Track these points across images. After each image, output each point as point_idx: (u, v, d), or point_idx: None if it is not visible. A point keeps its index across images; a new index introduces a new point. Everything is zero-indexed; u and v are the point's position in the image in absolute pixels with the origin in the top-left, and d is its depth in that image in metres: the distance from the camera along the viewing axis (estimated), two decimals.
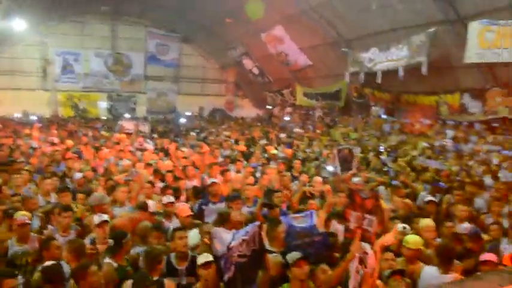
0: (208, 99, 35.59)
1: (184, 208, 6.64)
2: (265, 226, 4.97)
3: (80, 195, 7.77)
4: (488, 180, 11.10)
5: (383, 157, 14.00)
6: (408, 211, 7.54)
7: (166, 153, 13.05)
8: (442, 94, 17.47)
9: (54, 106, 30.80)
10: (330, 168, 11.15)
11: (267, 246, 4.88)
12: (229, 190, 8.57)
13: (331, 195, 7.11)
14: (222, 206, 7.26)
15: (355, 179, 8.86)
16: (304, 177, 9.43)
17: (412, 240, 5.49)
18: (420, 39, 15.92)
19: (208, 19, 27.74)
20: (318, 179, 9.24)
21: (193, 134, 18.61)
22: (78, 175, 9.43)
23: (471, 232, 6.45)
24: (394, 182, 9.37)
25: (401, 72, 16.74)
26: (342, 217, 5.90)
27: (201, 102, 35.39)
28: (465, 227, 6.82)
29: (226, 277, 3.77)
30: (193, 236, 5.65)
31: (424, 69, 15.71)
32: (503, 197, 8.46)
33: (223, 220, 6.12)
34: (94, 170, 10.53)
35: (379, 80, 18.31)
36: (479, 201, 8.89)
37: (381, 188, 9.49)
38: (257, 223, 4.22)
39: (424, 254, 5.67)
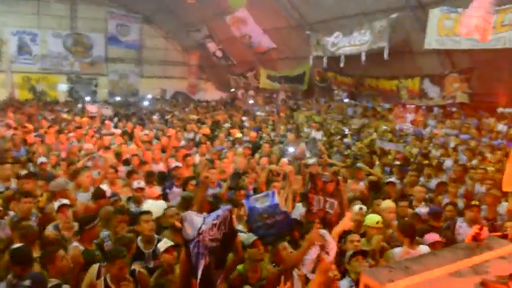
0: (171, 82, 35.15)
1: (154, 191, 6.71)
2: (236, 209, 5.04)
3: (40, 182, 7.46)
4: (447, 162, 11.54)
5: (346, 140, 14.30)
6: (365, 193, 7.78)
7: (131, 137, 12.90)
8: (402, 79, 17.85)
9: (10, 88, 29.71)
10: (292, 149, 11.35)
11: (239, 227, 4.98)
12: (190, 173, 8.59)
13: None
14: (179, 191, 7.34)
15: (311, 161, 9.05)
16: (265, 160, 9.56)
17: (371, 219, 5.71)
18: (382, 25, 16.17)
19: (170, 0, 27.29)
20: (284, 160, 9.38)
21: (155, 117, 18.40)
22: (41, 159, 9.16)
23: (432, 210, 6.81)
24: (358, 165, 9.60)
25: (363, 57, 16.98)
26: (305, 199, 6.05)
27: (163, 84, 34.92)
28: (423, 211, 7.08)
29: (201, 263, 3.82)
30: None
31: (385, 54, 15.98)
32: (459, 178, 8.81)
33: (187, 204, 6.16)
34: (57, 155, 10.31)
35: (342, 64, 18.53)
36: (434, 182, 9.23)
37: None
38: (228, 207, 4.28)
39: (386, 234, 5.90)
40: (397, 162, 10.35)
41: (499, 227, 6.17)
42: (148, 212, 5.48)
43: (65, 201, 5.73)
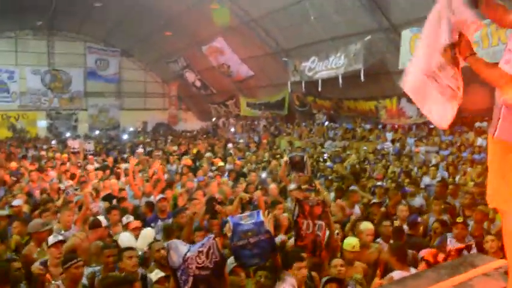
0: (151, 113, 35.19)
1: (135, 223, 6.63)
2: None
3: (15, 223, 7.07)
4: (425, 179, 11.66)
5: (329, 164, 14.35)
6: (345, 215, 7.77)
7: (112, 171, 12.79)
8: (380, 99, 18.10)
9: None
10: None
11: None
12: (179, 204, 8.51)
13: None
14: (169, 221, 7.25)
15: (291, 186, 9.03)
16: (242, 187, 9.52)
17: (347, 243, 5.71)
18: (356, 48, 16.48)
19: (147, 32, 27.48)
20: (273, 186, 9.35)
21: (140, 150, 18.30)
22: (16, 202, 8.75)
23: (410, 219, 7.04)
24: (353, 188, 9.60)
25: (340, 80, 17.22)
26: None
27: (144, 117, 34.93)
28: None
29: None
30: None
31: (362, 76, 16.24)
32: (441, 195, 8.88)
33: (169, 234, 6.12)
34: (30, 194, 10.04)
35: (320, 88, 18.76)
36: (418, 200, 9.30)
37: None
38: (211, 235, 4.26)
39: (364, 256, 5.91)
40: (378, 183, 10.34)
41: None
42: (131, 248, 5.39)
43: (61, 237, 5.64)
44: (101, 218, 6.79)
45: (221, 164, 13.10)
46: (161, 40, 27.44)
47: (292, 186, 9.00)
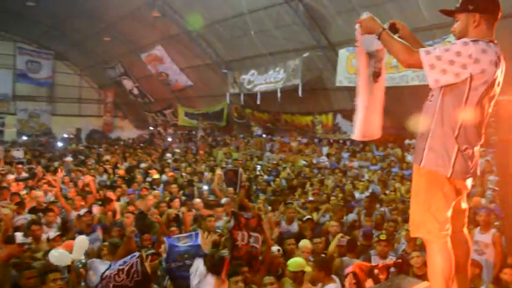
0: (85, 120, 33.96)
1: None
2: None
3: None
4: (357, 194, 11.94)
5: (267, 177, 14.41)
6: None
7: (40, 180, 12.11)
8: (317, 114, 18.51)
9: None
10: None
11: None
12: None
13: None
14: (95, 236, 6.98)
15: (223, 200, 9.01)
16: (176, 202, 9.28)
17: (294, 262, 5.73)
18: (295, 63, 16.79)
19: (84, 36, 26.63)
20: (197, 200, 9.17)
21: (69, 158, 17.49)
22: None
23: (365, 231, 7.32)
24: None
25: (279, 94, 17.45)
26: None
27: (78, 123, 33.65)
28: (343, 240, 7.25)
29: None
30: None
31: (299, 92, 16.53)
32: (370, 210, 9.13)
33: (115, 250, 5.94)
34: None
35: (258, 101, 18.92)
36: (351, 216, 9.50)
37: None
38: (136, 254, 4.14)
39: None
40: (311, 198, 10.43)
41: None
42: (56, 270, 5.04)
43: None
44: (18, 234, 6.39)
45: (156, 176, 12.72)
46: (99, 45, 26.69)
47: (223, 200, 8.97)
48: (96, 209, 8.53)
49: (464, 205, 3.02)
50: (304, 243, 6.35)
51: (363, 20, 3.04)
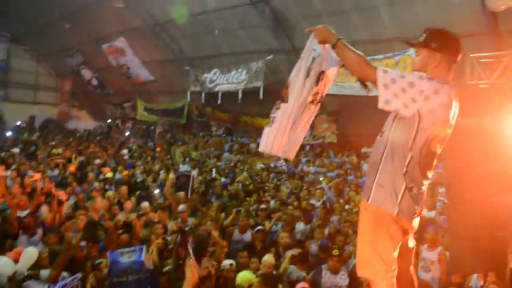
0: (41, 108, 32.73)
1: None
2: None
3: None
4: (313, 201, 11.92)
5: (224, 180, 14.23)
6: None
7: None
8: None
9: None
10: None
11: None
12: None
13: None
14: (36, 239, 6.67)
15: (180, 207, 8.81)
16: (128, 204, 8.95)
17: (241, 278, 5.64)
18: (258, 65, 16.74)
19: (44, 21, 25.58)
20: (146, 204, 8.86)
21: (16, 149, 16.60)
22: None
23: (322, 244, 7.37)
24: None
25: (240, 95, 17.36)
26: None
27: (32, 111, 32.39)
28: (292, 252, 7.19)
29: None
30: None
31: (261, 94, 16.50)
32: (324, 221, 9.09)
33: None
34: None
35: (219, 101, 18.77)
36: (300, 226, 9.45)
37: None
38: (78, 275, 3.96)
39: None
40: (263, 206, 10.22)
41: None
42: None
43: None
44: None
45: (109, 174, 12.24)
46: (58, 31, 25.70)
47: (181, 207, 8.76)
48: (45, 209, 8.12)
49: (411, 244, 2.98)
50: (267, 258, 6.25)
51: (317, 29, 3.03)
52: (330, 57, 3.18)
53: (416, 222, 2.87)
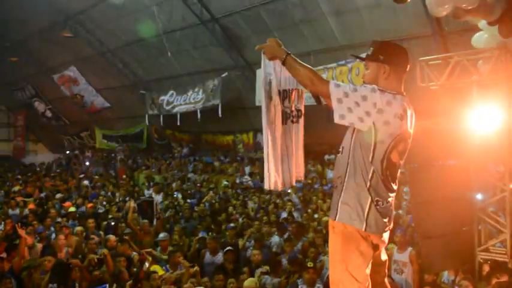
0: None
1: None
2: None
3: None
4: (282, 214, 11.90)
5: (191, 200, 14.05)
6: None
7: None
8: (237, 133, 18.55)
9: None
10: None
11: None
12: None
13: None
14: None
15: (161, 236, 8.67)
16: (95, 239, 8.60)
17: None
18: (214, 83, 16.75)
19: None
20: (112, 238, 8.62)
21: None
22: None
23: (290, 257, 7.42)
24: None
25: (198, 114, 17.28)
26: None
27: None
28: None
29: None
30: None
31: (219, 111, 16.48)
32: (297, 235, 9.05)
33: None
34: None
35: (178, 122, 18.64)
36: (274, 239, 9.43)
37: None
38: None
39: None
40: (232, 224, 10.12)
41: None
42: None
43: None
44: None
45: (72, 209, 11.83)
46: (5, 65, 25.02)
47: (161, 235, 8.61)
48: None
49: (383, 257, 2.97)
50: (249, 283, 6.19)
51: (266, 46, 3.01)
52: (283, 75, 3.18)
53: (386, 236, 2.86)
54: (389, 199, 2.77)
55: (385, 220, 2.75)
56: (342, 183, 2.75)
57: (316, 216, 11.19)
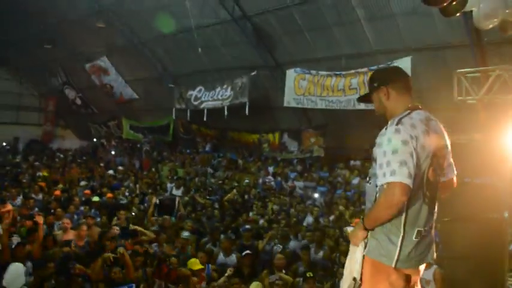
0: (24, 129, 32.25)
1: None
2: None
3: None
4: (308, 218, 11.71)
5: (212, 197, 14.01)
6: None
7: None
8: (263, 133, 18.42)
9: None
10: None
11: None
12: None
13: None
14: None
15: (185, 234, 8.62)
16: (114, 230, 8.55)
17: None
18: (242, 81, 16.64)
19: (24, 41, 25.24)
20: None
21: None
22: None
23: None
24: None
25: (225, 111, 17.21)
26: None
27: (16, 132, 31.92)
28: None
29: None
30: None
31: (246, 110, 16.38)
32: (319, 243, 8.86)
33: None
34: None
35: (205, 118, 18.61)
36: (293, 243, 9.28)
37: None
38: None
39: None
40: (247, 226, 9.98)
41: None
42: None
43: None
44: None
45: (96, 198, 11.88)
46: (40, 52, 25.40)
47: (185, 234, 8.58)
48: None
49: None
50: (255, 286, 6.08)
51: (350, 238, 2.84)
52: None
53: (423, 267, 2.75)
54: (427, 227, 2.62)
55: (422, 251, 2.61)
56: None
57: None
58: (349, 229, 10.52)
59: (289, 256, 8.29)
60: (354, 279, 2.75)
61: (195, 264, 6.74)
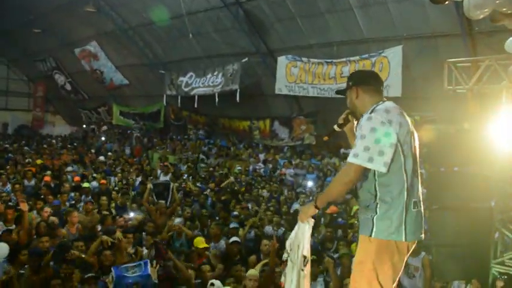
0: (13, 114, 31.93)
1: None
2: None
3: None
4: (296, 205, 11.79)
5: (202, 185, 13.94)
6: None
7: None
8: (254, 120, 18.39)
9: None
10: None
11: None
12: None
13: None
14: None
15: (177, 220, 8.65)
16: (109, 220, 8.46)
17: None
18: (234, 68, 16.59)
19: (12, 26, 24.87)
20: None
21: None
22: None
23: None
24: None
25: (216, 98, 17.16)
26: None
27: (4, 117, 31.61)
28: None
29: None
30: None
31: (237, 97, 16.34)
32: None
33: None
34: None
35: (196, 104, 18.55)
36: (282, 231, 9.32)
37: None
38: None
39: None
40: (235, 213, 9.94)
41: None
42: None
43: None
44: None
45: (86, 184, 11.83)
46: (28, 36, 25.09)
47: (177, 220, 8.59)
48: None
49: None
50: (251, 272, 6.11)
51: (300, 217, 3.09)
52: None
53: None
54: (419, 196, 2.85)
55: (420, 221, 2.82)
56: (374, 199, 2.78)
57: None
58: (298, 206, 10.78)
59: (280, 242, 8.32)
60: (304, 257, 2.99)
61: (200, 242, 7.04)
